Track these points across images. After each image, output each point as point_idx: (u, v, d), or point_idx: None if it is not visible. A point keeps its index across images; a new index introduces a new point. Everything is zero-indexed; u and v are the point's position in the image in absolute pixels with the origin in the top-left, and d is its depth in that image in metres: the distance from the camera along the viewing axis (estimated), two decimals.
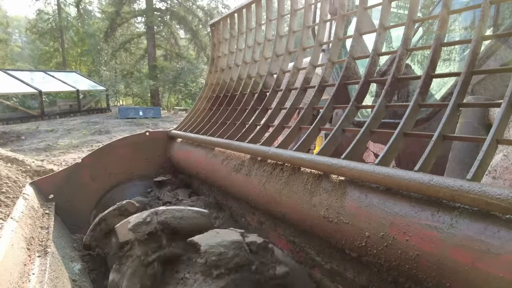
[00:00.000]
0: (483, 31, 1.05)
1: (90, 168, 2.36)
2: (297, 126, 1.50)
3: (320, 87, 1.56)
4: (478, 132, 1.48)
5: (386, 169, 0.95)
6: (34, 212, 1.84)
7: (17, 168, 4.65)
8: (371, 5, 1.48)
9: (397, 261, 0.93)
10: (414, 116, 1.09)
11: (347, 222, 1.05)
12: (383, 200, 0.97)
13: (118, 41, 29.24)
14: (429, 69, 1.13)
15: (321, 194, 1.15)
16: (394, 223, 0.93)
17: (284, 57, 1.94)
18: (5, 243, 1.25)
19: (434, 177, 0.84)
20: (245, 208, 1.84)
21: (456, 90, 1.01)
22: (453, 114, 0.99)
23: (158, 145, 2.65)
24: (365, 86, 1.33)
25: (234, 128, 1.94)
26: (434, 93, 2.08)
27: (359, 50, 1.50)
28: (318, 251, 1.36)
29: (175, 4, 28.51)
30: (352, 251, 1.10)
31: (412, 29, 1.29)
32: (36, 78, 20.65)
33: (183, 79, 25.61)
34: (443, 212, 0.83)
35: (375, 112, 1.18)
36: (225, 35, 2.62)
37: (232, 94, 2.32)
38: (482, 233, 0.74)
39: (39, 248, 1.54)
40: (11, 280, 1.13)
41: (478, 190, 0.74)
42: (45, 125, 16.12)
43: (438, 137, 0.95)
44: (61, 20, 31.69)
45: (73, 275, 1.65)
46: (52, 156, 9.02)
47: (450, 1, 1.17)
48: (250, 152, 1.60)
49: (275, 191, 1.38)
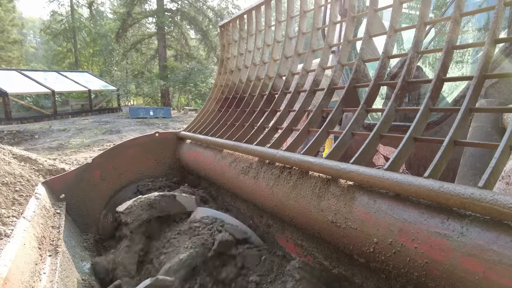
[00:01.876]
0: (497, 34, 1.03)
1: (101, 168, 2.39)
2: (306, 129, 1.49)
3: (329, 89, 1.55)
4: (491, 137, 1.44)
5: (395, 174, 0.94)
6: (46, 211, 1.88)
7: (30, 167, 4.75)
8: (381, 7, 1.47)
9: (406, 268, 0.91)
10: (424, 121, 1.07)
11: (355, 228, 1.04)
12: (392, 206, 0.96)
13: (129, 41, 29.58)
14: (441, 73, 1.11)
15: (329, 198, 1.14)
16: (403, 229, 0.91)
17: (293, 59, 1.93)
18: (18, 242, 1.27)
19: (445, 184, 0.82)
20: (253, 210, 1.84)
21: (468, 94, 0.99)
22: (465, 119, 0.97)
23: (168, 146, 2.67)
24: (375, 89, 1.32)
25: (242, 130, 1.94)
26: (446, 96, 2.05)
27: (369, 53, 1.48)
28: (326, 256, 1.35)
29: (186, 5, 28.70)
30: (360, 257, 1.09)
31: (423, 32, 1.27)
32: (49, 78, 21.06)
33: (193, 79, 25.77)
34: (453, 220, 0.81)
35: (385, 116, 1.17)
36: (234, 36, 2.63)
37: (241, 96, 2.33)
38: (494, 242, 0.73)
39: (50, 248, 1.56)
40: (23, 279, 1.15)
41: (490, 198, 0.72)
42: (58, 124, 16.42)
43: (449, 143, 0.93)
44: (74, 21, 32.25)
45: (83, 274, 1.68)
46: (64, 155, 9.17)
47: (463, 3, 1.15)
48: (258, 154, 1.60)
49: (283, 194, 1.38)
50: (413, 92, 2.05)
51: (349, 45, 1.59)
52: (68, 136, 13.09)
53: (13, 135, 13.05)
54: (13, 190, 3.86)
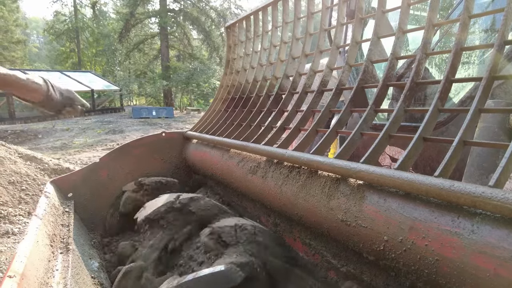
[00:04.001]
0: (506, 36, 1.05)
1: (108, 167, 2.42)
2: (314, 129, 1.51)
3: (337, 90, 1.56)
4: (498, 137, 1.46)
5: (406, 174, 0.95)
6: (55, 210, 1.90)
7: (36, 166, 4.78)
8: (389, 9, 1.48)
9: (416, 266, 0.93)
10: (433, 121, 1.09)
11: (365, 226, 1.06)
12: (402, 204, 0.98)
13: (132, 41, 29.69)
14: (449, 74, 1.12)
15: (339, 197, 1.16)
16: (413, 227, 0.93)
17: (300, 59, 1.95)
18: (31, 239, 1.29)
19: (455, 183, 0.84)
20: (260, 209, 1.86)
21: (477, 95, 1.00)
22: (474, 119, 0.98)
23: (174, 146, 2.69)
24: (383, 90, 1.34)
25: (249, 130, 1.96)
26: (452, 97, 2.06)
27: (377, 54, 1.50)
28: (334, 254, 1.37)
29: (189, 5, 28.78)
30: (369, 255, 1.10)
31: (431, 33, 1.29)
32: (53, 78, 21.06)
33: (195, 79, 25.84)
34: (464, 218, 0.83)
35: (393, 116, 1.18)
36: (240, 37, 2.65)
37: (248, 96, 2.34)
38: (504, 240, 0.74)
39: (61, 245, 1.59)
40: (38, 276, 1.17)
41: (501, 197, 0.74)
42: (61, 124, 16.49)
43: (458, 143, 0.95)
44: (77, 21, 32.40)
45: (92, 272, 1.70)
46: (68, 155, 9.22)
47: (471, 5, 1.17)
48: (266, 154, 1.62)
49: (292, 194, 1.40)
50: (419, 93, 2.07)
51: (357, 46, 1.60)
52: (72, 136, 13.15)
53: (17, 134, 13.13)
54: (19, 189, 3.90)
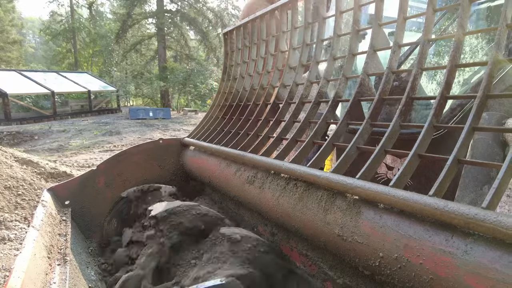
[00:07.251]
0: (499, 54, 1.06)
1: (105, 174, 2.42)
2: (311, 141, 1.52)
3: (333, 102, 1.58)
4: (492, 149, 1.48)
5: (401, 191, 0.97)
6: (53, 219, 1.90)
7: (32, 170, 4.76)
8: (385, 22, 1.50)
9: (411, 283, 0.94)
10: (429, 137, 1.11)
11: (361, 242, 1.07)
12: (398, 222, 0.99)
13: (129, 42, 29.61)
14: (444, 91, 1.14)
15: (336, 212, 1.17)
16: (408, 245, 0.94)
17: (297, 69, 1.96)
18: (29, 252, 1.30)
19: (449, 203, 0.85)
20: (257, 218, 1.87)
21: (471, 114, 1.02)
22: (468, 138, 1.00)
23: (171, 152, 2.70)
24: (379, 104, 1.35)
25: (247, 139, 1.97)
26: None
27: (373, 67, 1.51)
28: (331, 266, 1.38)
29: (186, 6, 28.75)
30: (365, 269, 1.12)
31: (427, 48, 1.30)
32: (49, 79, 21.08)
33: (192, 80, 25.81)
34: (457, 238, 0.84)
35: (389, 131, 1.20)
36: (238, 44, 2.66)
37: (245, 103, 2.35)
38: (496, 261, 0.76)
39: (59, 257, 1.59)
40: None
41: (493, 219, 0.75)
42: (57, 125, 16.42)
43: (453, 162, 0.96)
44: (73, 22, 32.27)
45: (90, 281, 1.71)
46: (64, 157, 9.18)
47: (466, 23, 1.18)
48: (263, 165, 1.63)
49: (288, 205, 1.41)
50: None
51: (353, 58, 1.62)
52: (68, 137, 13.10)
53: (12, 136, 13.05)
54: (15, 194, 3.88)
